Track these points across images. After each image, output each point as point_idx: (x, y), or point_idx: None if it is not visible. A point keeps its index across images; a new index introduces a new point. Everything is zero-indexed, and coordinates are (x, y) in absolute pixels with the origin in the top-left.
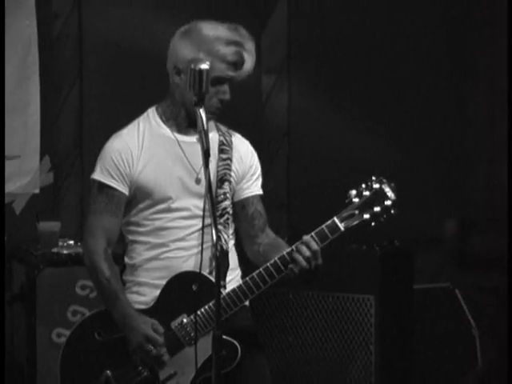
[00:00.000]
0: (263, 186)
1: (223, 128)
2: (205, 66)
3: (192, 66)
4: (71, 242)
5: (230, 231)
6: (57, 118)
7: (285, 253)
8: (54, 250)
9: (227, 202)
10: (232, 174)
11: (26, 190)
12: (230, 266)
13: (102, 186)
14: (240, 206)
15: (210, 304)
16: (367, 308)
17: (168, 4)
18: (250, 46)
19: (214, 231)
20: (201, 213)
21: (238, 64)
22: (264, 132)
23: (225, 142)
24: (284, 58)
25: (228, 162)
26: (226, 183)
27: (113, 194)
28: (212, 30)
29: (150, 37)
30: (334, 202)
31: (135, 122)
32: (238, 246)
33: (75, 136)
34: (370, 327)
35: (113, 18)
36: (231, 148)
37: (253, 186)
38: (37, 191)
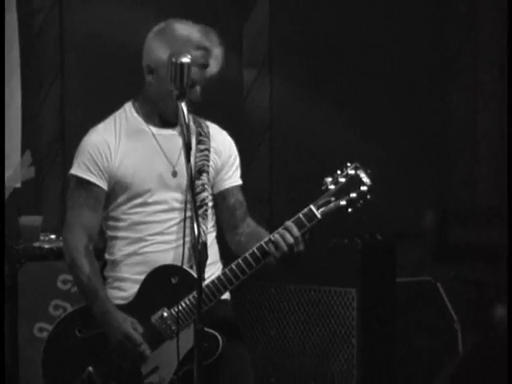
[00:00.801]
0: (245, 180)
1: (200, 119)
2: (186, 59)
3: (173, 60)
4: (53, 237)
5: (210, 224)
6: (38, 113)
7: (262, 242)
8: (36, 244)
9: (205, 194)
10: (210, 164)
11: (7, 184)
12: (210, 260)
13: (81, 181)
14: (221, 197)
15: (190, 297)
16: (349, 301)
17: (149, 0)
18: (217, 52)
19: (195, 224)
20: (179, 206)
21: (204, 66)
22: (246, 126)
23: (202, 133)
24: (266, 52)
25: (206, 152)
26: (204, 174)
27: (91, 189)
28: (185, 31)
29: (131, 33)
30: (317, 196)
31: (112, 117)
32: (220, 240)
33: (56, 131)
34: (351, 320)
35: (94, 13)
36: (209, 139)
37: (233, 177)
38: (18, 185)
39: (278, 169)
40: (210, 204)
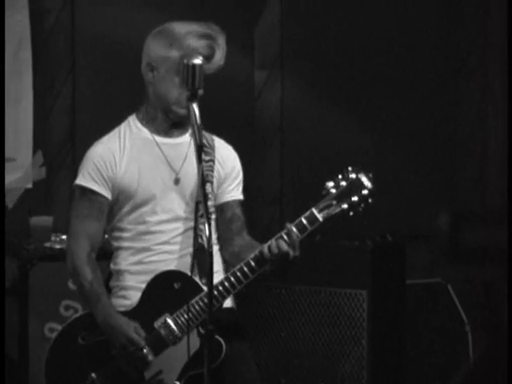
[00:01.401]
0: (256, 181)
1: (205, 132)
2: (198, 60)
3: (185, 62)
4: (64, 237)
5: (214, 236)
6: (49, 113)
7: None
8: (47, 244)
9: (209, 203)
10: (214, 174)
11: (18, 185)
12: (216, 268)
13: (85, 191)
14: (219, 209)
15: (193, 302)
16: (359, 303)
17: (160, 0)
18: (220, 39)
19: (207, 226)
20: (183, 215)
21: (208, 57)
22: (256, 127)
23: (207, 144)
24: (277, 54)
25: (210, 163)
26: (208, 184)
27: (95, 199)
28: (183, 26)
29: (142, 32)
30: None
31: (116, 129)
32: None
33: (67, 131)
34: (362, 322)
35: (105, 13)
36: (213, 150)
37: (234, 191)
38: (29, 186)
39: (288, 170)
40: (214, 216)
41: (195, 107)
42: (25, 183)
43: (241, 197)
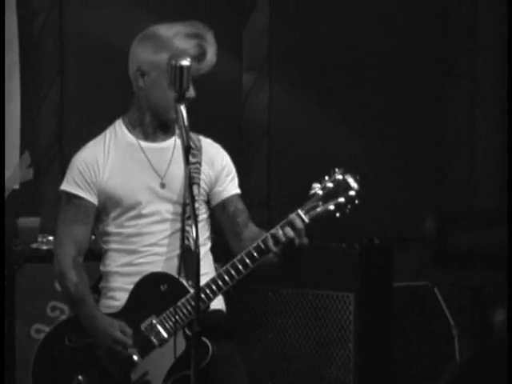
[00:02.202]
0: (244, 184)
1: (192, 133)
2: (185, 62)
3: (173, 63)
4: (51, 238)
5: (204, 236)
6: (37, 115)
7: (259, 241)
8: (34, 245)
9: (196, 205)
10: (202, 177)
11: (5, 186)
12: (203, 271)
13: (70, 196)
14: (221, 208)
15: (180, 304)
16: (346, 305)
17: (148, 2)
18: (209, 36)
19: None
20: (171, 217)
21: (200, 56)
22: (244, 130)
23: (193, 146)
24: (265, 57)
25: (197, 165)
26: (195, 186)
27: (80, 204)
28: (168, 28)
29: (130, 33)
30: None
31: (102, 134)
32: (215, 249)
33: (55, 132)
34: (348, 325)
35: (93, 14)
36: (200, 152)
37: (229, 187)
38: (16, 187)
39: (275, 173)
40: (203, 216)
41: (183, 109)
42: (12, 184)
43: (238, 190)
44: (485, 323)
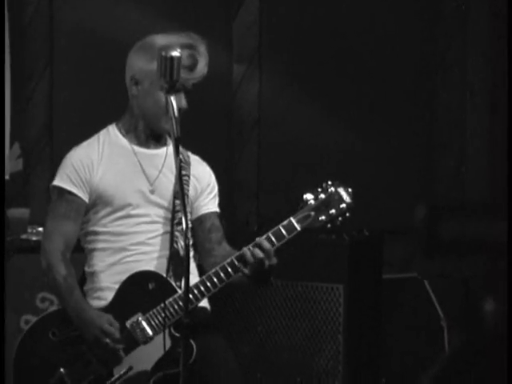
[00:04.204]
0: (233, 175)
1: (182, 149)
2: (176, 53)
3: (163, 54)
4: (40, 229)
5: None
6: (27, 105)
7: (233, 257)
8: (23, 236)
9: (187, 209)
10: (190, 189)
11: None
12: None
13: (62, 192)
14: (198, 222)
15: (166, 303)
16: (336, 297)
17: None
18: (202, 48)
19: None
20: (161, 220)
21: (191, 66)
22: (234, 121)
23: (183, 160)
24: (255, 48)
25: (186, 178)
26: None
27: (73, 200)
28: (164, 39)
29: (121, 26)
30: (304, 192)
31: (95, 136)
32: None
33: (45, 123)
34: (338, 316)
35: (84, 5)
36: (189, 166)
37: (210, 204)
38: (6, 178)
39: (265, 164)
40: (189, 225)
41: (173, 100)
42: None
43: (217, 209)
44: (474, 313)
